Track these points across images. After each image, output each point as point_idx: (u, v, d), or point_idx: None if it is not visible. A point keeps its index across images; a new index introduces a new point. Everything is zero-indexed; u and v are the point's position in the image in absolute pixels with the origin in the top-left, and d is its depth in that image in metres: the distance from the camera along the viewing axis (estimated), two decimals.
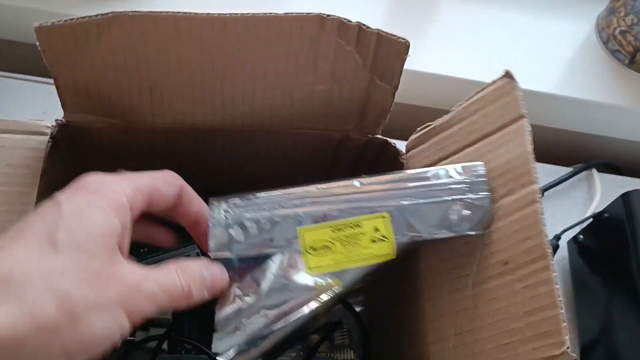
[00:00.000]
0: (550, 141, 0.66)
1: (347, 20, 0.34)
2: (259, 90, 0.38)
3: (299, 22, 0.35)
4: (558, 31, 0.63)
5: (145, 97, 0.38)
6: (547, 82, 0.59)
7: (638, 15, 0.56)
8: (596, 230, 0.50)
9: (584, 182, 0.59)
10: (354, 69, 0.37)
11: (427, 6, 0.62)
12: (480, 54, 0.59)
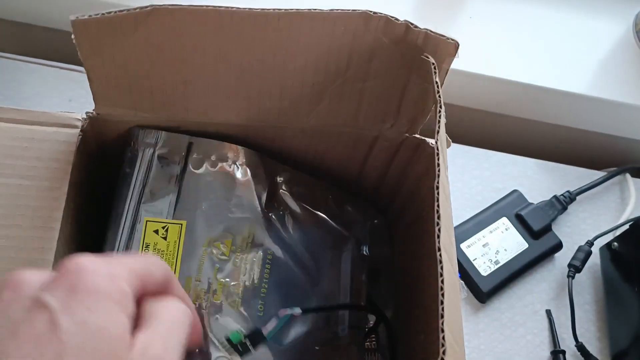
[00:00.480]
0: (584, 144, 0.64)
1: (394, 18, 0.33)
2: (296, 86, 0.37)
3: (344, 18, 0.33)
4: (594, 30, 0.61)
5: (179, 91, 0.37)
6: (582, 83, 0.57)
7: None
8: (632, 238, 0.48)
9: (617, 186, 0.58)
10: (394, 67, 0.35)
11: (462, 3, 0.60)
12: (515, 52, 0.58)
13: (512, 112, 0.59)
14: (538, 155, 0.59)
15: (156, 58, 0.34)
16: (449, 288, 0.27)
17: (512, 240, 0.51)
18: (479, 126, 0.64)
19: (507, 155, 0.57)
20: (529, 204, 0.53)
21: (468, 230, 0.51)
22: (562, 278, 0.51)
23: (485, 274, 0.49)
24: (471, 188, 0.55)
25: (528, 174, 0.56)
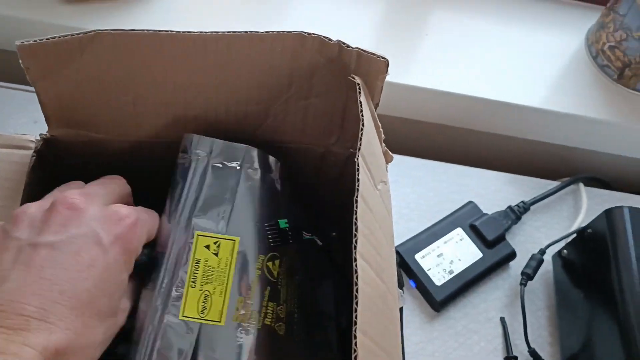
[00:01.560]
0: (539, 155, 0.66)
1: (327, 38, 0.35)
2: (241, 104, 0.39)
3: (280, 40, 0.35)
4: (548, 45, 0.63)
5: (129, 110, 0.38)
6: (537, 97, 0.59)
7: (627, 31, 0.57)
8: (580, 245, 0.50)
9: (571, 196, 0.59)
10: (333, 85, 0.37)
11: (418, 20, 0.63)
12: (471, 67, 0.60)
13: (469, 125, 0.61)
14: (494, 166, 0.60)
15: (104, 80, 0.36)
16: (368, 295, 0.28)
17: (466, 250, 0.52)
18: (437, 139, 0.66)
19: (464, 167, 0.59)
20: (483, 215, 0.55)
21: (423, 241, 0.53)
22: (516, 286, 0.53)
23: (439, 283, 0.51)
24: (428, 200, 0.57)
25: (484, 186, 0.58)
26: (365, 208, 0.31)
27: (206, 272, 0.33)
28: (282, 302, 0.36)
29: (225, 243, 0.34)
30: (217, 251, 0.34)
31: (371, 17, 0.62)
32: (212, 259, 0.33)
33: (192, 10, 0.58)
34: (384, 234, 0.35)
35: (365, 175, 0.32)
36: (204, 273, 0.33)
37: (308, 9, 0.60)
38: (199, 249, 0.33)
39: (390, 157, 0.42)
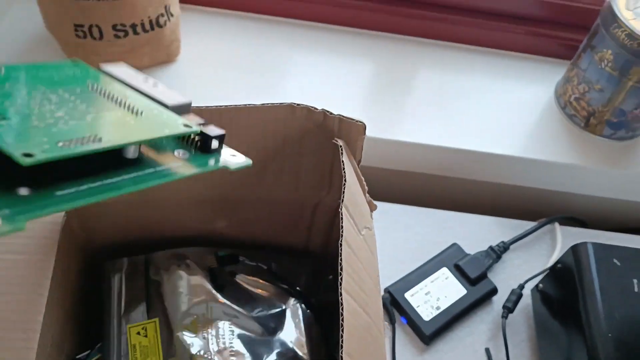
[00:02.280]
0: (517, 198, 0.71)
1: (313, 107, 0.41)
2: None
3: (273, 110, 0.41)
4: (522, 98, 0.69)
5: None
6: (513, 146, 0.65)
7: (588, 84, 0.63)
8: (553, 279, 0.55)
9: (548, 235, 0.65)
10: (321, 146, 0.43)
11: (404, 79, 0.69)
12: (453, 121, 0.66)
13: (452, 174, 0.67)
14: (476, 210, 0.66)
15: None
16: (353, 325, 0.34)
17: (451, 288, 0.58)
18: (424, 188, 0.71)
19: (448, 212, 0.65)
20: (466, 255, 0.60)
21: (412, 281, 0.58)
22: (499, 319, 0.58)
23: (427, 318, 0.56)
24: (416, 243, 0.62)
25: (467, 228, 0.64)
26: (349, 251, 0.36)
27: (142, 351, 0.43)
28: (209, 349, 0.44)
29: (149, 325, 0.44)
30: (145, 333, 0.44)
31: (361, 78, 0.68)
32: (143, 340, 0.44)
33: (197, 85, 0.64)
34: (368, 274, 0.40)
35: (348, 223, 0.37)
36: (141, 352, 0.43)
37: (303, 75, 0.67)
38: (133, 336, 0.44)
39: (374, 206, 0.47)
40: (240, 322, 0.46)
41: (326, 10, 0.71)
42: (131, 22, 0.59)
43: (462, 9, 0.71)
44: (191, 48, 0.67)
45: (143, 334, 0.44)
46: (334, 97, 0.65)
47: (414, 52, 0.72)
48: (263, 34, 0.70)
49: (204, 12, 0.71)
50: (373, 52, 0.71)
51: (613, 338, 0.46)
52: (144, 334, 0.44)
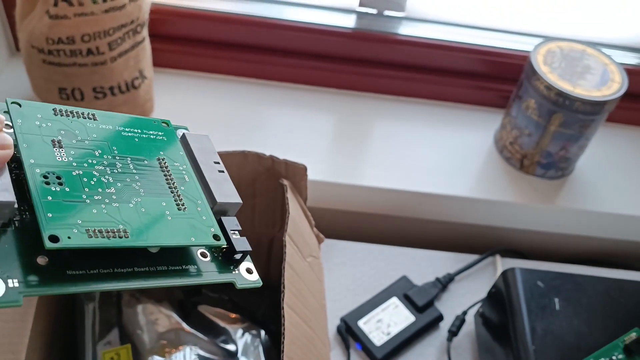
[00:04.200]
0: (462, 234, 0.78)
1: (262, 154, 0.48)
2: None
3: (228, 156, 0.48)
4: (466, 144, 0.77)
5: None
6: (458, 187, 0.72)
7: (519, 130, 0.71)
8: (489, 304, 0.61)
9: (490, 266, 0.71)
10: (272, 187, 0.50)
11: (362, 130, 0.76)
12: (406, 166, 0.73)
13: (402, 213, 0.74)
14: (424, 246, 0.72)
15: None
16: (294, 334, 0.40)
17: (400, 315, 0.63)
18: (378, 226, 0.78)
19: (399, 248, 0.71)
20: (414, 286, 0.66)
21: (365, 310, 0.63)
22: (445, 343, 0.63)
23: (379, 344, 0.61)
24: (370, 277, 0.68)
25: (415, 262, 0.70)
26: (292, 272, 0.43)
27: None
28: None
29: (122, 351, 0.49)
30: (119, 358, 0.49)
31: (324, 130, 0.76)
32: None
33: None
34: (312, 294, 0.46)
35: (292, 249, 0.44)
36: None
37: (271, 129, 0.74)
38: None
39: (322, 238, 0.54)
40: (205, 347, 0.52)
41: (290, 72, 0.80)
42: (109, 85, 0.66)
43: (412, 67, 0.80)
44: (164, 106, 0.74)
45: (116, 358, 0.50)
46: (300, 147, 0.72)
47: (370, 106, 0.80)
48: (232, 93, 0.77)
49: (176, 74, 0.78)
50: (333, 107, 0.79)
51: (536, 350, 0.52)
52: (117, 359, 0.50)
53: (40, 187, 0.28)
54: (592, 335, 0.53)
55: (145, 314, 0.52)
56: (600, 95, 0.65)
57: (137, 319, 0.52)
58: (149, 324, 0.52)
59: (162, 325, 0.52)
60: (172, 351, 0.51)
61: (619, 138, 0.81)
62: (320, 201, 0.72)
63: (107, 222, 0.28)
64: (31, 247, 0.27)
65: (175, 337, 0.52)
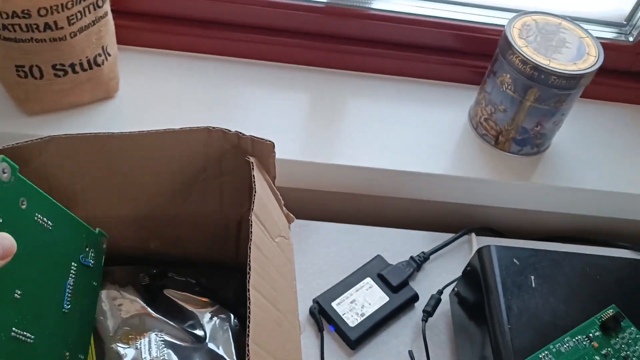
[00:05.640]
0: (437, 212, 0.77)
1: (227, 130, 0.46)
2: (168, 185, 0.49)
3: (191, 133, 0.46)
4: (441, 121, 0.75)
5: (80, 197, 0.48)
6: (433, 165, 0.70)
7: (494, 106, 0.70)
8: (464, 282, 0.60)
9: (466, 244, 0.70)
10: (239, 165, 0.48)
11: (336, 109, 0.74)
12: (379, 144, 0.71)
13: (376, 192, 0.72)
14: (399, 225, 0.71)
15: (58, 173, 0.46)
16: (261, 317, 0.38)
17: (375, 296, 0.62)
18: (352, 206, 0.76)
19: (373, 228, 0.70)
20: (389, 265, 0.65)
21: (338, 291, 0.62)
22: (420, 323, 0.62)
23: (353, 325, 0.60)
24: (343, 257, 0.67)
25: (390, 242, 0.69)
26: (258, 253, 0.41)
27: None
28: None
29: None
30: None
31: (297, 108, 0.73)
32: None
33: (136, 118, 0.69)
34: (281, 275, 0.45)
35: (259, 229, 0.42)
36: None
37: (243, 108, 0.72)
38: None
39: (292, 218, 0.52)
40: (171, 333, 0.50)
41: (260, 48, 0.77)
42: (70, 62, 0.63)
43: (385, 43, 0.78)
44: (130, 85, 0.71)
45: None
46: (272, 126, 0.70)
47: (343, 83, 0.78)
48: (201, 72, 0.75)
49: (142, 52, 0.75)
50: (306, 85, 0.76)
51: (512, 329, 0.51)
52: None
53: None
54: (569, 313, 0.52)
55: (108, 299, 0.50)
56: (576, 69, 0.64)
57: (99, 305, 0.50)
58: (112, 309, 0.50)
59: (126, 310, 0.50)
60: (137, 338, 0.49)
61: (595, 114, 0.80)
62: (294, 181, 0.70)
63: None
64: None
65: (140, 322, 0.50)
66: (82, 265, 0.45)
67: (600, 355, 0.49)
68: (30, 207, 0.37)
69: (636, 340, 0.50)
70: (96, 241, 0.48)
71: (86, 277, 0.45)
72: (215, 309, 0.53)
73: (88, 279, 0.46)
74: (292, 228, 0.62)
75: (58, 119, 0.67)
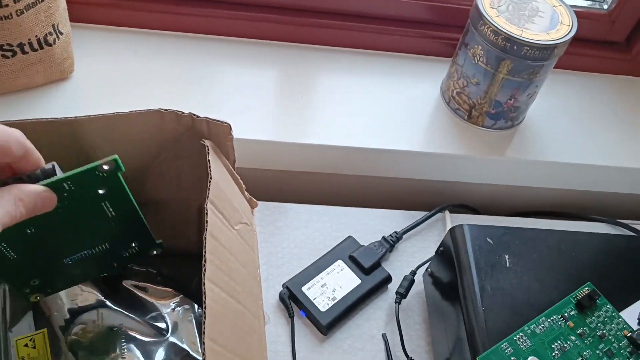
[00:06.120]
0: (409, 190, 0.75)
1: (180, 112, 0.43)
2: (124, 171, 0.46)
3: (142, 116, 0.43)
4: (413, 96, 0.73)
5: None
6: (404, 141, 0.68)
7: (466, 79, 0.67)
8: (438, 262, 0.58)
9: (440, 222, 0.68)
10: (195, 149, 0.45)
11: (306, 85, 0.71)
12: (352, 122, 0.68)
13: (346, 171, 0.70)
14: (370, 205, 0.69)
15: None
16: (218, 311, 0.36)
17: (346, 278, 0.60)
18: (321, 186, 0.74)
19: (344, 208, 0.68)
20: (360, 246, 0.63)
21: (308, 275, 0.60)
22: (394, 305, 0.60)
23: (324, 309, 0.58)
24: (314, 239, 0.64)
25: (361, 222, 0.66)
26: (215, 244, 0.38)
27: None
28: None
29: (37, 337, 0.46)
30: (34, 344, 0.46)
31: (265, 86, 0.70)
32: (32, 352, 0.46)
33: (93, 100, 0.65)
34: (243, 265, 0.42)
35: (215, 218, 0.40)
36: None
37: (205, 86, 0.69)
38: (20, 348, 0.45)
39: (255, 203, 0.50)
40: (132, 326, 0.48)
41: (225, 24, 0.74)
42: (18, 42, 0.60)
43: (355, 15, 0.75)
44: (86, 66, 0.68)
45: (31, 345, 0.45)
46: (238, 105, 0.67)
47: (311, 59, 0.75)
48: (161, 50, 0.71)
49: (98, 29, 0.72)
50: (273, 61, 0.73)
51: (486, 311, 0.49)
52: (32, 345, 0.45)
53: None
54: (544, 292, 0.51)
55: (64, 292, 0.47)
56: (549, 39, 0.61)
57: (54, 299, 0.47)
58: (68, 304, 0.47)
59: (83, 304, 0.47)
60: (96, 334, 0.46)
61: (570, 85, 0.78)
62: (261, 161, 0.68)
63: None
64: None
65: (98, 317, 0.47)
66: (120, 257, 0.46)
67: (576, 335, 0.48)
68: (104, 197, 0.40)
69: (612, 318, 0.49)
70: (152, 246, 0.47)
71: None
72: (179, 300, 0.51)
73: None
74: (260, 211, 0.60)
75: (9, 102, 0.63)
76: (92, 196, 0.39)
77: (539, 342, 0.47)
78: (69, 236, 0.41)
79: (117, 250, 0.45)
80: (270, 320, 0.57)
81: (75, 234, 0.41)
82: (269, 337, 0.57)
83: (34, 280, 0.43)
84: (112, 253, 0.45)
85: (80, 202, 0.39)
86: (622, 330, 0.48)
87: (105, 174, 0.38)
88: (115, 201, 0.41)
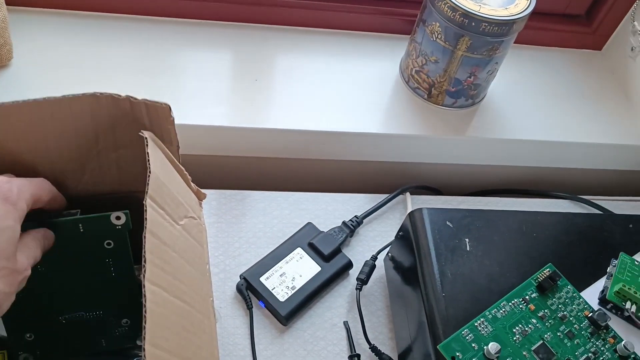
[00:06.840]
0: (370, 173, 0.73)
1: (117, 95, 0.40)
2: (59, 162, 0.43)
3: (76, 101, 0.40)
4: (371, 75, 0.71)
5: None
6: (363, 122, 0.66)
7: (425, 57, 0.65)
8: (398, 247, 0.57)
9: (401, 205, 0.67)
10: (135, 136, 0.42)
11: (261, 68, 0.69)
12: (309, 104, 0.66)
13: (304, 155, 0.68)
14: (329, 189, 0.67)
15: None
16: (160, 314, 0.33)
17: (306, 266, 0.58)
18: (278, 172, 0.72)
19: (303, 194, 0.66)
20: (320, 233, 0.61)
21: (266, 265, 0.58)
22: (355, 292, 0.59)
23: (283, 299, 0.56)
24: (273, 227, 0.62)
25: (321, 207, 0.65)
26: (155, 242, 0.36)
27: None
28: None
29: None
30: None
31: (219, 69, 0.67)
32: None
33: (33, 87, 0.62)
34: (189, 262, 0.40)
35: (155, 214, 0.37)
36: None
37: (164, 68, 0.66)
38: None
39: (203, 195, 0.47)
40: None
41: (175, 5, 0.70)
42: None
43: None
44: (26, 52, 0.64)
45: None
46: (193, 89, 0.64)
47: (267, 39, 0.72)
48: (109, 33, 0.68)
49: (36, 12, 0.68)
50: (228, 42, 0.71)
51: (447, 297, 0.48)
52: None
53: None
54: (505, 275, 0.50)
55: None
56: (507, 14, 0.60)
57: None
58: None
59: None
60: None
61: (530, 60, 0.77)
62: (218, 148, 0.65)
63: None
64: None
65: None
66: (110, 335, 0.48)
67: (537, 317, 0.47)
68: (110, 252, 0.43)
69: (573, 299, 0.48)
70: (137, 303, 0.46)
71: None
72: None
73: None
74: (217, 199, 0.58)
75: None
76: (100, 247, 0.42)
77: (500, 327, 0.46)
78: (68, 287, 0.43)
79: (109, 322, 0.46)
80: (221, 317, 0.55)
81: (75, 285, 0.43)
82: (228, 330, 0.55)
83: (29, 335, 0.44)
84: (104, 325, 0.46)
85: (87, 250, 0.42)
86: (582, 311, 0.47)
87: (117, 227, 0.41)
88: (118, 261, 0.43)
